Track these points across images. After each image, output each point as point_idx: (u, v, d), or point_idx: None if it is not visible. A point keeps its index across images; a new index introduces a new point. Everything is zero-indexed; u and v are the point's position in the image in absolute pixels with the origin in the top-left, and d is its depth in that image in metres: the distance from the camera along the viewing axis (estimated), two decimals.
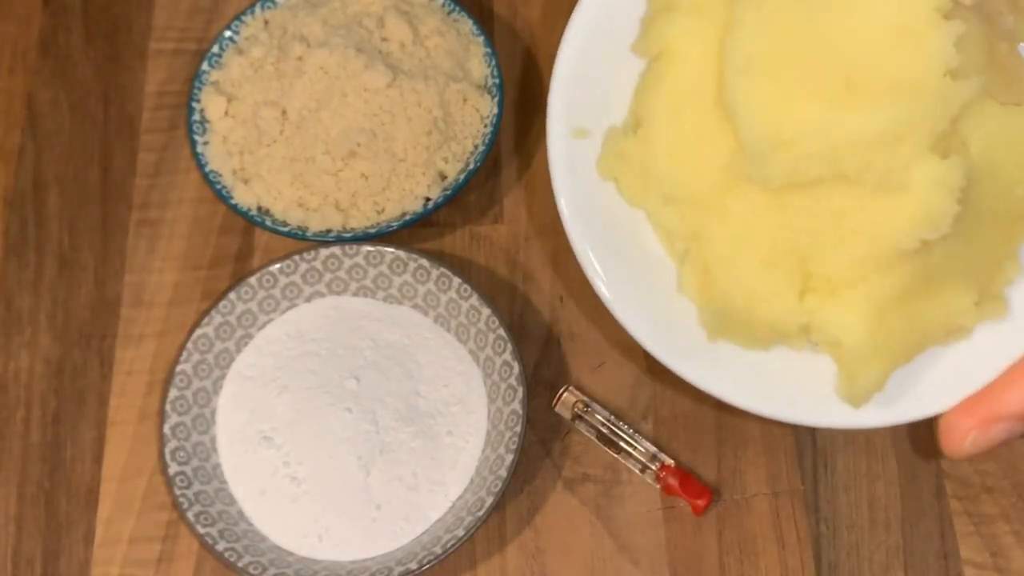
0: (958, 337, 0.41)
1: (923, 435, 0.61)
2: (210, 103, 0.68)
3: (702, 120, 0.39)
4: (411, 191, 0.65)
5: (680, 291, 0.42)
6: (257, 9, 0.70)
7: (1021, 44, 0.37)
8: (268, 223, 0.65)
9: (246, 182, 0.66)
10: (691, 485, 0.59)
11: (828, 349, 0.41)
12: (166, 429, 0.60)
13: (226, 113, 0.68)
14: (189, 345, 0.62)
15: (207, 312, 0.62)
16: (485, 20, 0.74)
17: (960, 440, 0.39)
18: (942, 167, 0.36)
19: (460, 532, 0.56)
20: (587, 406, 0.61)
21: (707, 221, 0.39)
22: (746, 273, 0.39)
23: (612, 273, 0.41)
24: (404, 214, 0.65)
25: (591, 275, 0.41)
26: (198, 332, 0.62)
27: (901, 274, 0.38)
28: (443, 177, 0.66)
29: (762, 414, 0.42)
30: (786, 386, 0.42)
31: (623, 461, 0.61)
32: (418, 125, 0.65)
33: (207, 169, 0.67)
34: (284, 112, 0.66)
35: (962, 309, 0.40)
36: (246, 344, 0.63)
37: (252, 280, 0.63)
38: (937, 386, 0.40)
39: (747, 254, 0.39)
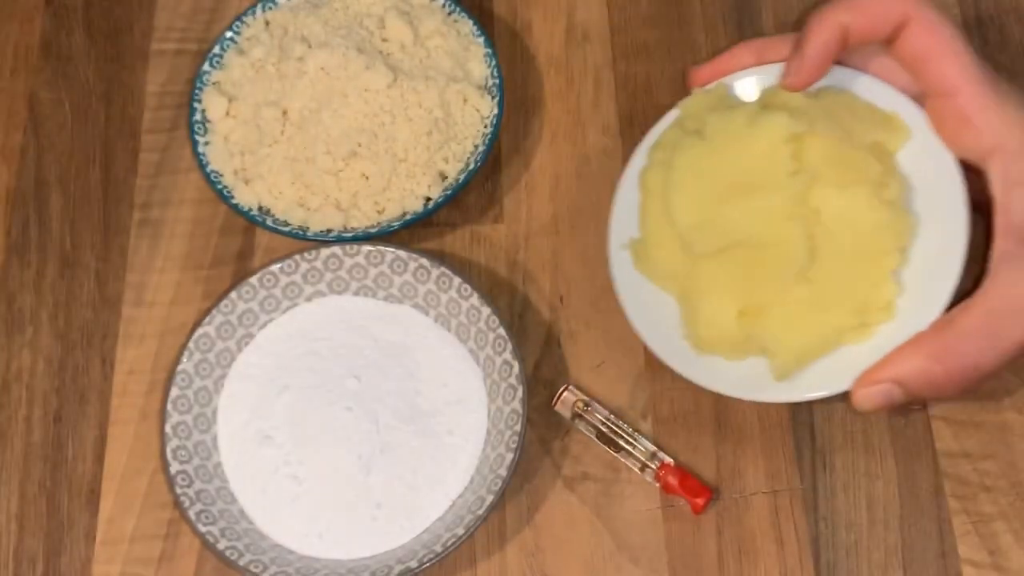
0: (863, 336, 0.57)
1: (921, 435, 0.61)
2: (211, 103, 0.68)
3: (669, 227, 0.59)
4: (411, 191, 0.66)
5: (682, 326, 0.61)
6: (258, 10, 0.71)
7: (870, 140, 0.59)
8: (269, 223, 0.65)
9: (247, 182, 0.66)
10: (690, 484, 0.59)
11: (765, 348, 0.58)
12: (167, 428, 0.60)
13: (227, 113, 0.68)
14: (190, 344, 0.62)
15: (208, 311, 0.63)
16: (485, 21, 0.74)
17: (854, 399, 0.55)
18: (790, 227, 0.56)
19: (460, 531, 0.57)
20: (587, 405, 0.61)
21: (685, 283, 0.60)
22: (705, 308, 0.58)
23: (642, 318, 0.61)
24: (404, 214, 0.65)
25: (634, 324, 0.61)
26: (199, 331, 0.62)
27: (794, 298, 0.57)
28: (443, 177, 0.67)
29: (721, 392, 0.59)
30: (742, 376, 0.59)
31: (623, 460, 0.61)
32: (418, 125, 0.66)
33: (208, 169, 0.67)
34: (285, 112, 0.66)
35: (846, 320, 0.57)
36: (247, 343, 0.63)
37: (253, 279, 0.63)
38: (841, 371, 0.57)
39: (705, 297, 0.58)
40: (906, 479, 0.60)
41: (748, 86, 0.62)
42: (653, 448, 0.60)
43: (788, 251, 0.56)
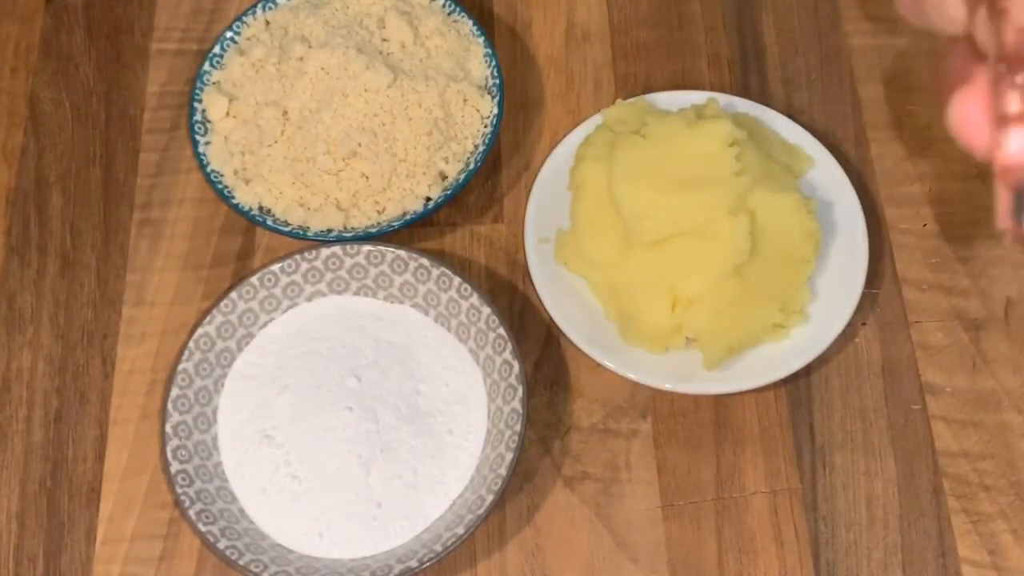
0: (780, 336, 0.62)
1: (921, 435, 0.62)
2: (212, 103, 0.68)
3: (605, 218, 0.63)
4: (412, 191, 0.66)
5: (607, 319, 0.64)
6: (258, 10, 0.71)
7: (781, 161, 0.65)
8: (269, 223, 0.65)
9: (247, 182, 0.67)
10: None
11: (695, 340, 0.62)
12: (168, 428, 0.60)
13: (227, 113, 0.68)
14: (191, 344, 0.62)
15: (208, 311, 0.63)
16: (485, 21, 0.74)
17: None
18: (735, 222, 0.60)
19: (460, 530, 0.57)
20: None
21: (616, 274, 0.62)
22: (639, 299, 0.61)
23: (566, 314, 0.63)
24: (405, 214, 0.65)
25: (555, 317, 0.63)
26: (199, 331, 0.62)
27: (727, 291, 0.61)
28: (443, 177, 0.67)
29: (656, 387, 0.61)
30: (671, 370, 0.62)
31: None
32: (419, 125, 0.66)
33: (208, 169, 0.67)
34: (285, 112, 0.66)
35: (770, 318, 0.61)
36: (247, 343, 0.64)
37: (253, 279, 0.63)
38: (763, 368, 0.62)
39: (639, 288, 0.61)
40: (906, 478, 0.61)
41: (668, 102, 0.68)
42: None
43: (730, 244, 0.60)
